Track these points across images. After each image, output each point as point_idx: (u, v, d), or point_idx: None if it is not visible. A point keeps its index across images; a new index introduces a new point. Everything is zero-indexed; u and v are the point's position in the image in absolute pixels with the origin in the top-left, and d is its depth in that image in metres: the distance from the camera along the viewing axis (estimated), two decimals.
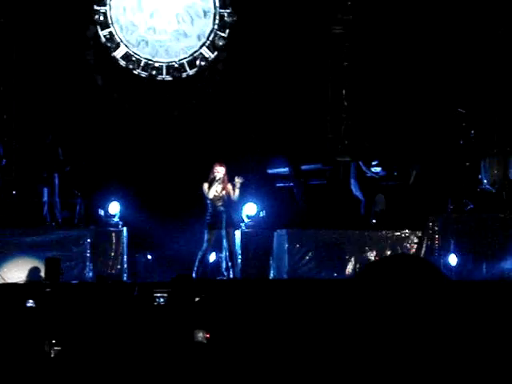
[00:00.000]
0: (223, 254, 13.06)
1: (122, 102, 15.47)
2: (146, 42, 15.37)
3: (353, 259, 13.14)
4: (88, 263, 12.97)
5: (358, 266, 13.02)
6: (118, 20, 15.32)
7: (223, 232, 12.97)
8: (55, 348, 8.18)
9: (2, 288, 11.34)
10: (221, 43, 15.43)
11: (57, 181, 14.04)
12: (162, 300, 10.05)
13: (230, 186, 12.91)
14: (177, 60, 15.41)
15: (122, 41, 15.27)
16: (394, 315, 2.62)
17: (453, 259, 13.10)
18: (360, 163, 14.49)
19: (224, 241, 12.99)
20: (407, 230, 13.44)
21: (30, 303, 9.98)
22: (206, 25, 15.49)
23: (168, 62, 15.39)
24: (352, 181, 14.58)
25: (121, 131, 15.30)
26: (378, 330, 2.67)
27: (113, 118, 15.36)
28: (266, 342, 8.34)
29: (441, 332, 2.68)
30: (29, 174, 14.26)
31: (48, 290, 10.39)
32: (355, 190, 14.51)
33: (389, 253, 13.18)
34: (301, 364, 7.30)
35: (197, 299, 9.93)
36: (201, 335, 8.52)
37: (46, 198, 13.99)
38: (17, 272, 12.70)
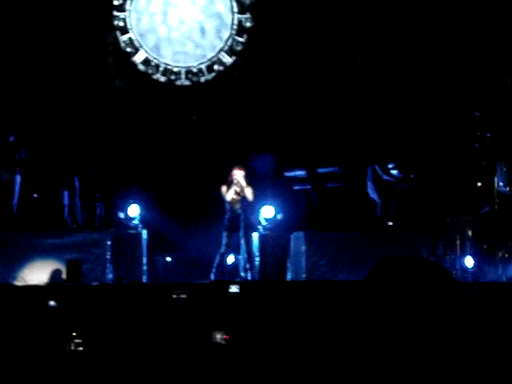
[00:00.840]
0: (241, 257, 13.19)
1: (141, 106, 15.62)
2: (164, 48, 15.51)
3: (369, 262, 13.17)
4: (108, 265, 13.09)
5: None
6: (137, 25, 15.48)
7: (241, 234, 13.11)
8: (76, 346, 8.32)
9: (24, 290, 11.46)
10: (239, 48, 15.57)
11: (77, 184, 14.19)
12: (180, 301, 10.15)
13: (247, 189, 13.07)
14: (195, 65, 15.55)
15: (141, 46, 15.44)
16: (402, 318, 2.76)
17: (469, 261, 13.15)
18: (376, 167, 14.56)
19: (242, 243, 13.13)
20: (423, 233, 13.50)
21: (52, 304, 10.07)
22: (224, 30, 15.61)
23: (186, 67, 15.53)
24: (368, 183, 14.66)
25: (140, 135, 15.43)
26: (388, 331, 2.81)
27: (132, 121, 15.51)
28: (283, 343, 8.45)
29: (450, 334, 2.79)
30: (49, 177, 14.40)
31: (69, 291, 10.48)
32: (371, 193, 14.58)
33: (404, 255, 13.19)
34: (317, 364, 7.41)
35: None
36: (219, 336, 8.64)
37: (66, 201, 14.13)
38: (38, 274, 12.81)
